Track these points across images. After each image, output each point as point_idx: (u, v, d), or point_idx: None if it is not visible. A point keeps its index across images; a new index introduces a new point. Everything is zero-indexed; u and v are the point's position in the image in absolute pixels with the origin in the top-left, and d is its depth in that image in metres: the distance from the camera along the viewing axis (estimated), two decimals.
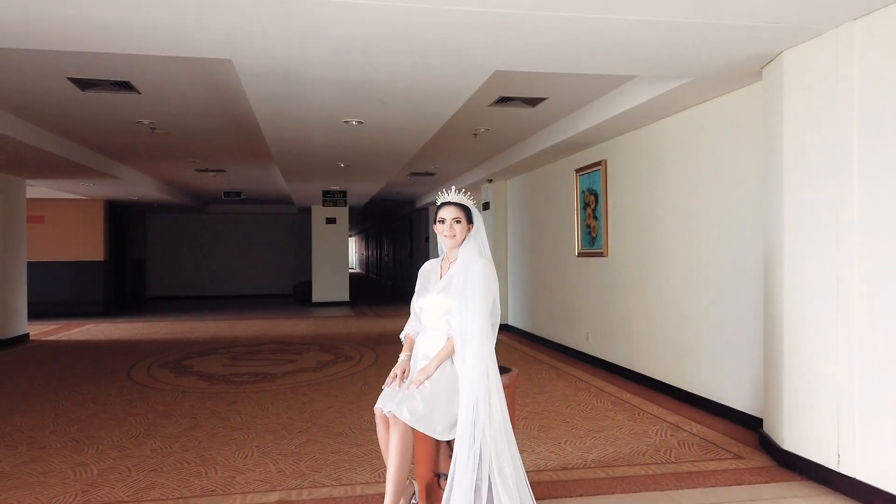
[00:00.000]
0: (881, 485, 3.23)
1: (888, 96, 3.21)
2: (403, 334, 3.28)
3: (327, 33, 3.47)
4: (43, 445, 4.42)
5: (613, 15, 3.29)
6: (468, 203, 3.15)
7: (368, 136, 6.90)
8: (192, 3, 3.04)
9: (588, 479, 3.70)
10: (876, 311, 3.27)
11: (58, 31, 3.44)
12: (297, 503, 3.38)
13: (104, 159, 8.91)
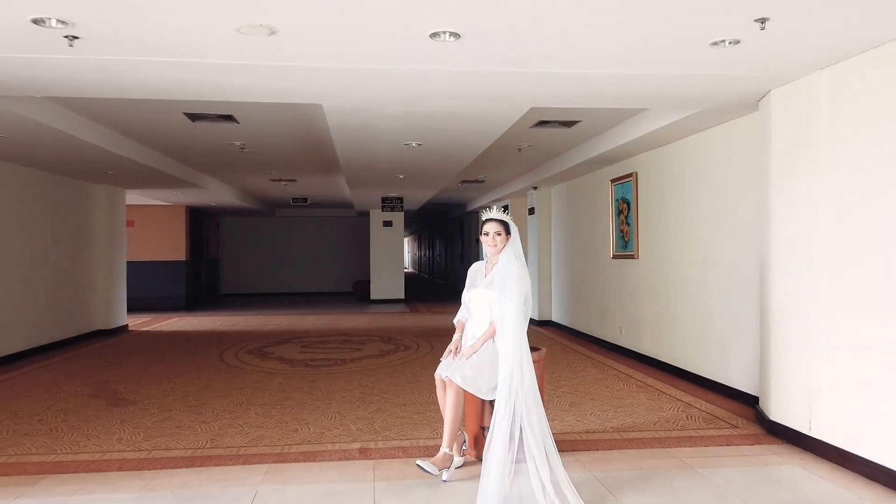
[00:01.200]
0: (838, 443, 4.03)
1: (848, 132, 4.01)
2: (456, 320, 4.25)
3: (399, 87, 4.49)
4: (170, 409, 5.57)
5: (628, 71, 4.18)
6: (506, 219, 4.11)
7: (425, 154, 7.93)
8: (297, 73, 4.08)
9: (604, 440, 4.60)
10: (836, 309, 4.07)
11: (192, 90, 4.55)
12: (374, 451, 4.39)
13: (194, 172, 10.20)
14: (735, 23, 3.34)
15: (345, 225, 20.28)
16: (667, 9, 3.15)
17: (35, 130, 5.94)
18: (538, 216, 11.59)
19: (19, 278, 8.24)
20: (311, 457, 4.27)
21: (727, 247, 5.91)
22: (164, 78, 4.24)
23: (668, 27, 3.40)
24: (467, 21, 3.31)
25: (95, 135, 6.66)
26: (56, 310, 9.18)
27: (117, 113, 6.15)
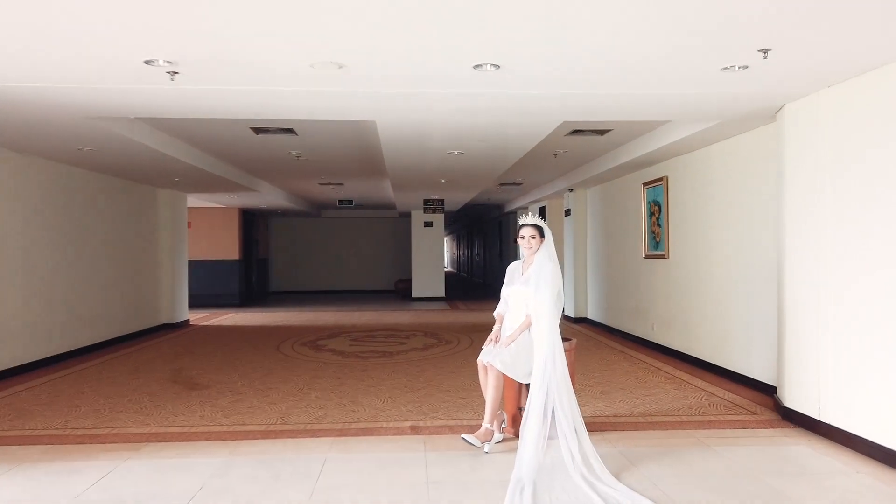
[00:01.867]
0: (843, 426, 4.46)
1: (848, 146, 4.43)
2: (496, 313, 4.81)
3: (444, 107, 5.07)
4: (240, 392, 6.25)
5: (648, 90, 4.67)
6: (541, 223, 4.64)
7: (466, 161, 8.50)
8: (358, 98, 4.69)
9: (630, 422, 5.10)
10: (841, 306, 4.50)
11: (267, 112, 5.21)
12: (423, 428, 4.97)
13: (251, 177, 10.97)
14: (741, 53, 3.82)
15: (387, 225, 20.98)
16: (678, 45, 3.65)
17: (120, 144, 6.70)
18: (574, 217, 12.05)
19: (96, 276, 9.09)
20: (369, 432, 4.88)
21: (749, 248, 6.32)
22: (245, 102, 4.91)
23: (681, 57, 3.90)
24: (506, 54, 3.85)
25: (169, 146, 7.41)
26: (127, 305, 10.04)
27: (190, 127, 6.88)
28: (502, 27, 3.37)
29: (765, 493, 3.63)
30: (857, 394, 4.35)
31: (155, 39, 3.53)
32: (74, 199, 8.44)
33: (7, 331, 7.06)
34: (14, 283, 7.19)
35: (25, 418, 5.34)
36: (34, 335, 7.56)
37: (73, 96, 4.70)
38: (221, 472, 4.01)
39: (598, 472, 3.83)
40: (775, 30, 3.45)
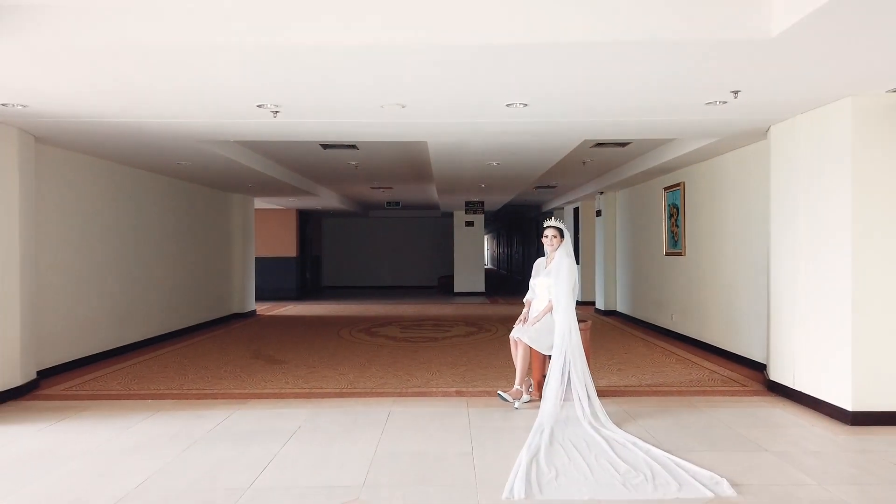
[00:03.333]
0: (810, 392, 5.44)
1: (815, 162, 5.41)
2: (525, 299, 5.94)
3: (483, 131, 6.22)
4: (313, 366, 7.51)
5: (651, 118, 5.72)
6: (561, 226, 5.74)
7: (503, 170, 9.63)
8: (415, 127, 5.87)
9: (637, 391, 6.16)
10: (811, 295, 5.48)
11: (341, 136, 6.44)
12: (466, 392, 6.11)
13: (312, 183, 12.29)
14: (718, 93, 4.85)
15: (431, 225, 22.21)
16: (666, 86, 4.70)
17: (213, 159, 8.04)
18: (604, 218, 13.04)
19: (182, 270, 10.51)
20: (422, 394, 6.05)
21: (752, 246, 7.28)
22: (327, 130, 6.17)
23: (671, 95, 4.95)
24: (533, 96, 4.96)
25: (249, 159, 8.73)
26: (205, 296, 11.46)
27: (268, 143, 8.17)
28: (527, 78, 4.48)
29: (732, 438, 4.67)
30: (819, 366, 5.34)
31: (267, 91, 4.76)
32: (167, 204, 9.86)
33: (116, 316, 8.48)
34: (122, 275, 8.60)
35: (147, 382, 6.68)
36: (137, 319, 8.98)
37: (194, 127, 6.01)
38: (312, 418, 5.24)
39: (602, 421, 4.92)
40: (740, 80, 4.48)
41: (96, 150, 7.31)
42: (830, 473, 3.93)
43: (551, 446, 4.43)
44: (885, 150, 4.98)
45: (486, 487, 3.72)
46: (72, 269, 7.45)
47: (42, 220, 6.86)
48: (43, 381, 6.63)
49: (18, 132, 6.02)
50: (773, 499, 3.53)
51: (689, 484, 3.72)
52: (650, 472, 3.92)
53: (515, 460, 4.10)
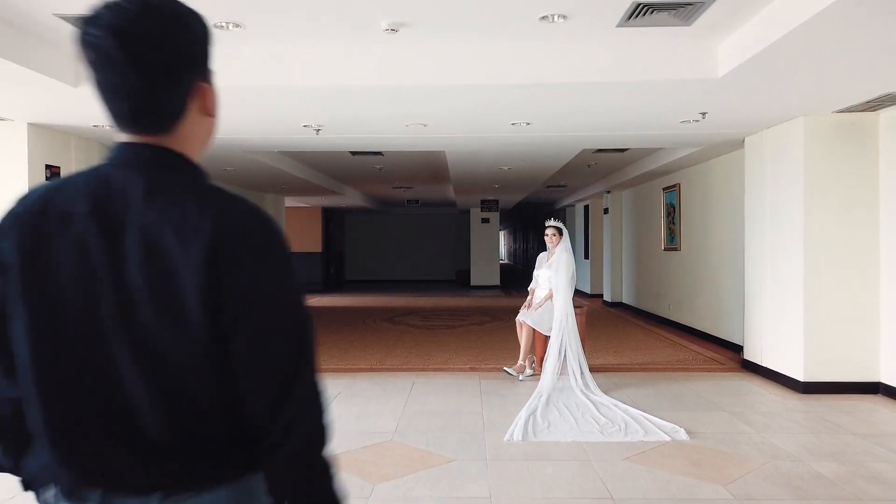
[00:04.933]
0: (774, 367, 6.37)
1: (777, 169, 6.32)
2: (529, 288, 6.91)
3: (493, 142, 7.20)
4: (345, 348, 8.54)
5: (638, 132, 6.66)
6: (560, 225, 6.71)
7: (514, 173, 10.61)
8: (434, 139, 6.86)
9: (627, 368, 7.11)
10: (777, 283, 6.40)
11: (370, 146, 7.46)
12: (479, 369, 7.10)
13: (339, 184, 13.34)
14: (689, 114, 5.78)
15: (448, 221, 23.21)
16: (645, 110, 5.64)
17: (256, 165, 9.09)
18: (611, 215, 13.93)
19: None
20: (442, 370, 7.05)
21: (734, 243, 8.17)
22: (359, 142, 7.20)
23: (651, 116, 5.88)
24: (535, 116, 5.92)
25: (285, 164, 9.77)
26: None
27: (305, 152, 9.21)
28: (527, 106, 5.45)
29: (699, 402, 5.62)
30: (779, 345, 6.26)
31: (313, 115, 5.78)
32: None
33: None
34: None
35: None
36: None
37: (247, 142, 7.06)
38: (349, 386, 6.27)
39: (592, 389, 5.88)
40: (704, 105, 5.42)
41: None
42: (770, 426, 4.87)
43: (547, 407, 5.41)
44: (832, 162, 5.88)
45: (492, 433, 4.72)
46: None
47: None
48: None
49: (98, 146, 7.10)
50: (716, 441, 4.48)
51: (654, 432, 4.68)
52: (624, 424, 4.89)
53: (516, 416, 5.08)
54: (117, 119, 1.09)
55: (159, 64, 1.05)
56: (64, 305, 1.01)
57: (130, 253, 1.00)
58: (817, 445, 4.40)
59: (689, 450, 4.32)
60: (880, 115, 5.80)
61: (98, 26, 1.01)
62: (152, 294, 0.99)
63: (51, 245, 1.02)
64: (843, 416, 5.11)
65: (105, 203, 1.03)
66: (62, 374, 1.02)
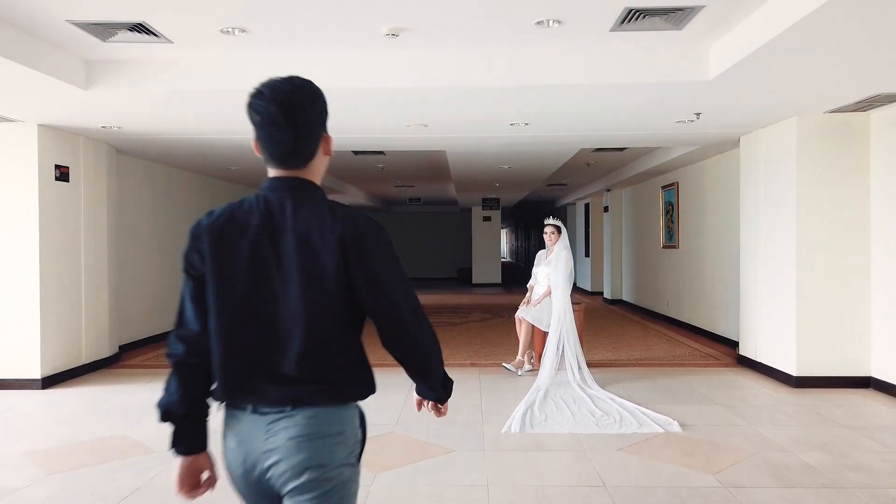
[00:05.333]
0: (767, 362, 6.50)
1: (771, 169, 6.45)
2: (528, 285, 7.05)
3: (492, 142, 7.33)
4: None
5: (636, 132, 6.78)
6: (558, 223, 6.84)
7: (514, 172, 10.73)
8: (435, 140, 7.00)
9: (625, 363, 7.24)
10: (770, 280, 6.52)
11: (371, 146, 7.60)
12: (479, 364, 7.24)
13: (341, 182, 13.48)
14: (683, 115, 5.91)
15: (450, 220, 23.34)
16: (641, 111, 5.77)
17: (258, 163, 9.23)
18: (611, 213, 14.06)
19: None
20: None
21: (730, 241, 8.30)
22: (363, 143, 7.34)
23: (647, 117, 6.01)
24: (533, 117, 6.05)
25: None
26: None
27: None
28: (525, 107, 5.58)
29: (693, 395, 5.75)
30: (773, 340, 6.39)
31: None
32: (218, 203, 11.10)
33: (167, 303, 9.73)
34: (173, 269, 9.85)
35: None
36: None
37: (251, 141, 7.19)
38: None
39: (589, 383, 6.02)
40: (697, 106, 5.55)
41: (165, 159, 8.55)
42: (761, 419, 5.00)
43: (545, 400, 5.55)
44: (824, 161, 6.00)
45: (490, 425, 4.86)
46: (144, 259, 8.70)
47: (121, 218, 8.10)
48: (124, 354, 7.89)
49: (107, 146, 7.26)
50: (709, 433, 4.62)
51: (648, 424, 4.82)
52: (619, 416, 5.03)
53: (515, 409, 5.22)
54: (272, 160, 1.62)
55: (304, 123, 1.58)
56: (237, 281, 1.55)
57: (288, 248, 1.54)
58: (806, 437, 4.54)
59: (682, 441, 4.46)
60: (871, 115, 5.92)
61: (263, 98, 1.56)
62: (302, 273, 1.53)
63: (232, 244, 1.56)
64: (833, 409, 5.24)
65: (269, 217, 1.57)
66: (233, 327, 1.56)
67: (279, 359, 1.54)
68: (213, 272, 1.56)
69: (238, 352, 1.56)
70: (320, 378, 1.57)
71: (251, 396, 1.57)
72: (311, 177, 1.65)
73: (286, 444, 1.54)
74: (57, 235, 6.47)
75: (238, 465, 1.59)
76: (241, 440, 1.58)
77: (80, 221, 6.81)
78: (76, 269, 6.76)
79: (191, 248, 1.60)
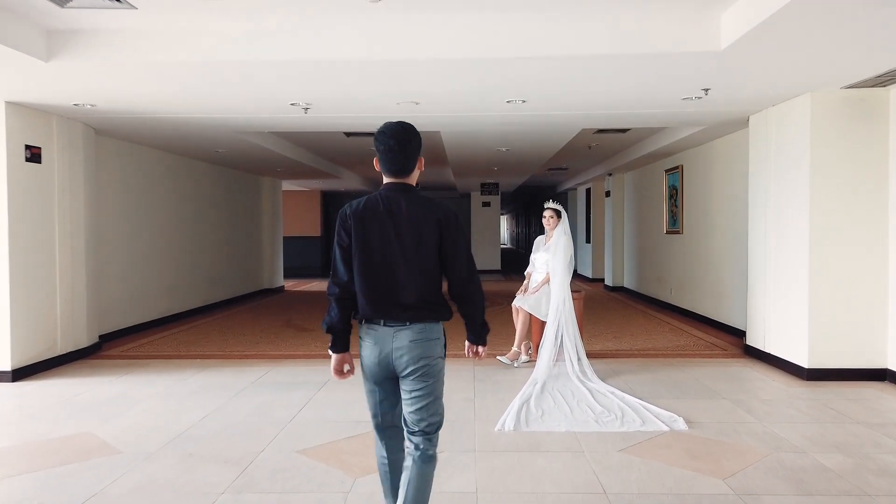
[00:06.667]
0: (776, 353, 6.17)
1: (783, 147, 6.08)
2: (526, 272, 6.71)
3: (489, 122, 6.95)
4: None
5: (639, 110, 6.41)
6: (559, 207, 6.48)
7: (512, 155, 10.35)
8: (429, 118, 6.63)
9: (626, 353, 6.92)
10: (781, 267, 6.18)
11: (359, 126, 7.23)
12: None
13: (335, 166, 13.11)
14: (691, 91, 5.54)
15: (449, 205, 22.91)
16: (646, 86, 5.40)
17: (248, 146, 8.88)
18: (613, 198, 13.69)
19: (219, 248, 11.43)
20: None
21: (737, 226, 7.95)
22: (349, 122, 6.97)
23: (652, 93, 5.64)
24: (530, 93, 5.68)
25: (280, 146, 9.55)
26: (239, 272, 12.39)
27: (298, 133, 8.99)
28: (522, 83, 5.21)
29: (699, 389, 5.43)
30: (783, 330, 6.06)
31: (300, 93, 5.56)
32: (205, 188, 10.75)
33: (164, 288, 9.41)
34: (168, 252, 9.52)
35: (193, 345, 7.60)
36: (182, 292, 9.92)
37: (235, 121, 6.84)
38: None
39: (589, 376, 5.70)
40: (706, 81, 5.18)
41: (147, 140, 8.19)
42: (772, 415, 4.68)
43: (542, 394, 5.23)
44: (840, 140, 5.64)
45: (483, 422, 4.54)
46: (126, 245, 8.37)
47: (101, 202, 7.76)
48: (105, 344, 7.59)
49: (83, 126, 6.90)
50: (717, 432, 4.30)
51: (651, 421, 4.50)
52: (621, 413, 4.71)
53: (509, 404, 4.90)
54: (389, 172, 2.54)
55: (411, 151, 2.53)
56: (373, 246, 2.46)
57: (405, 226, 2.46)
58: (822, 436, 4.22)
59: (688, 440, 4.14)
60: (891, 91, 5.55)
61: (385, 135, 2.50)
62: (414, 241, 2.46)
63: (367, 221, 2.48)
64: (848, 405, 4.92)
65: (389, 206, 2.48)
66: (371, 276, 2.47)
67: (401, 293, 2.47)
68: (357, 241, 2.48)
69: (375, 290, 2.48)
70: (425, 305, 2.50)
71: (383, 316, 2.50)
72: (411, 181, 2.58)
73: (408, 343, 2.50)
74: (27, 219, 6.13)
75: (374, 356, 2.55)
76: (377, 341, 2.53)
77: (55, 204, 6.47)
78: (50, 254, 6.43)
79: (340, 226, 2.54)
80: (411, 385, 2.55)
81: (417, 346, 2.50)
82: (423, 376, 2.54)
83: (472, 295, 2.59)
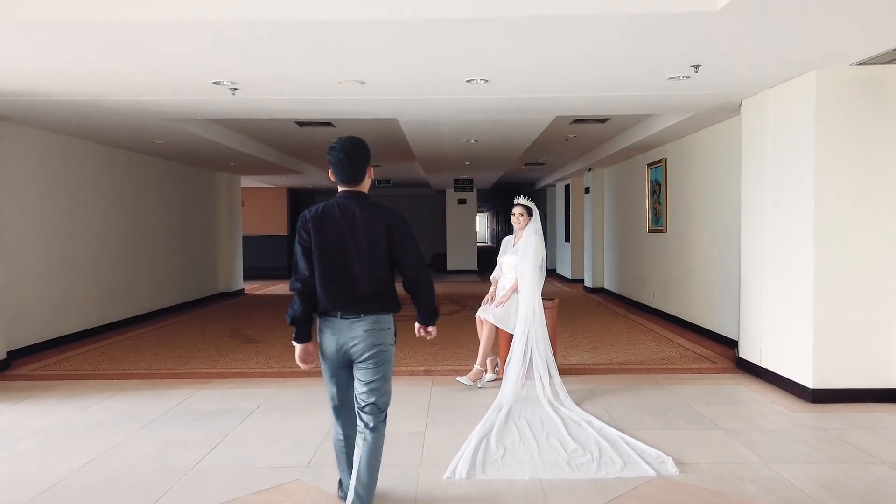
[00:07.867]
0: (775, 369, 5.42)
1: (783, 134, 5.33)
2: (492, 277, 5.89)
3: (449, 108, 6.12)
4: (289, 346, 7.44)
5: (621, 93, 5.62)
6: (529, 204, 5.67)
7: (483, 148, 9.53)
8: (379, 103, 5.79)
9: (605, 369, 6.14)
10: (779, 272, 5.43)
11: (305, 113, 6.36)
12: (434, 371, 6.11)
13: (297, 161, 12.21)
14: (678, 68, 4.76)
15: (423, 203, 22.10)
16: (626, 60, 4.60)
17: (187, 137, 7.97)
18: (592, 195, 12.94)
19: (164, 249, 10.49)
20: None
21: (727, 223, 7.20)
22: (288, 108, 6.10)
23: (633, 70, 4.85)
24: (493, 70, 4.86)
25: (226, 137, 8.65)
26: (191, 275, 11.46)
27: (244, 121, 8.10)
28: (482, 53, 4.40)
29: (689, 415, 4.66)
30: (783, 344, 5.31)
31: (221, 68, 4.69)
32: (148, 182, 9.81)
33: (95, 295, 8.48)
34: (101, 254, 8.58)
35: (118, 362, 6.70)
36: (118, 298, 8.98)
37: (155, 105, 5.95)
38: (273, 397, 5.25)
39: (562, 399, 4.91)
40: (697, 53, 4.39)
41: (64, 129, 7.25)
42: (777, 451, 3.91)
43: (506, 424, 4.43)
44: (850, 127, 4.89)
45: (430, 467, 3.72)
46: (44, 247, 7.42)
47: (9, 197, 6.82)
48: (15, 362, 6.66)
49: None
50: (714, 478, 3.51)
51: (634, 463, 3.71)
52: (598, 450, 3.91)
53: (467, 438, 4.10)
54: (341, 182, 2.95)
55: (358, 163, 2.94)
56: (330, 247, 2.86)
57: (360, 230, 2.87)
58: (841, 482, 3.45)
59: (680, 491, 3.36)
60: None
61: (336, 149, 2.93)
62: (368, 241, 2.87)
63: (325, 225, 2.87)
64: (865, 436, 4.17)
65: (345, 211, 2.90)
66: (329, 273, 2.86)
67: (355, 289, 2.84)
68: (316, 242, 2.85)
69: (332, 285, 2.85)
70: (377, 299, 2.88)
71: (340, 309, 2.85)
72: (363, 189, 2.99)
73: (362, 333, 2.85)
74: None
75: (332, 346, 2.90)
76: (334, 332, 2.89)
77: None
78: None
79: (301, 227, 2.89)
80: (365, 368, 2.89)
81: (371, 335, 2.86)
82: (376, 362, 2.90)
83: (422, 286, 3.00)
